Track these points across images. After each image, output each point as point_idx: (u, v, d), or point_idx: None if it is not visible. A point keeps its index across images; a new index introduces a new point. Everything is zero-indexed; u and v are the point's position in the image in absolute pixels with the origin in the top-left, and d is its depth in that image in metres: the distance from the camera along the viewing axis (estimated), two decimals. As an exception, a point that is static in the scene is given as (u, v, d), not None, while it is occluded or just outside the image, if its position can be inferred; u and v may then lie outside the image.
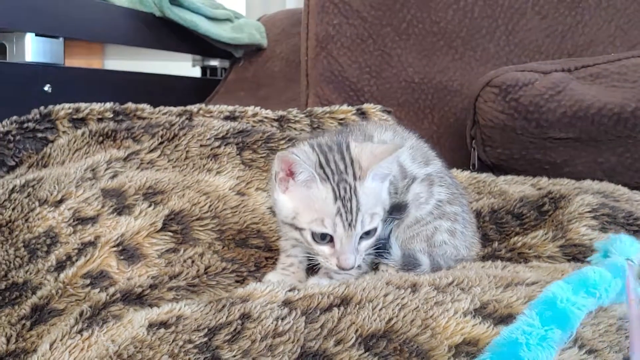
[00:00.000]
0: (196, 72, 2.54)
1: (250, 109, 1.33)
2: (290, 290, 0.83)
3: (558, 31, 1.72)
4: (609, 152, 1.33)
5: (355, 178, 0.85)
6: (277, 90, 2.15)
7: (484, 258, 1.05)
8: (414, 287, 0.81)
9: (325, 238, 0.86)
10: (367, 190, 0.85)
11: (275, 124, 1.31)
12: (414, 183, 0.98)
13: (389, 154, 0.85)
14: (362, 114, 1.39)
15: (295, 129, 1.30)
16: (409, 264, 0.95)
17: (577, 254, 1.03)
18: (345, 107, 1.38)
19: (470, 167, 1.46)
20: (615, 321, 0.76)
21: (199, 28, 1.96)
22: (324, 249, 0.86)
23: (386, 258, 0.94)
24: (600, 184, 1.24)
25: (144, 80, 1.92)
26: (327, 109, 1.37)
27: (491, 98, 1.38)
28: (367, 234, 0.86)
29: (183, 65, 2.56)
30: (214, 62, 2.51)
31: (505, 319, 0.74)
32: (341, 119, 1.34)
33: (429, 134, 1.70)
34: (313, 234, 0.86)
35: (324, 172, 0.86)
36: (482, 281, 0.83)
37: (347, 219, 0.84)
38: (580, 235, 1.04)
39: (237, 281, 0.93)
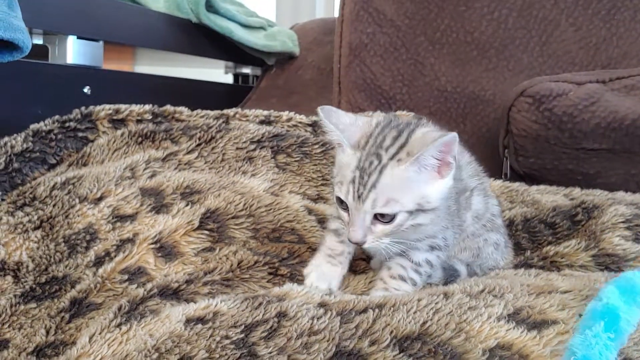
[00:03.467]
0: (228, 79, 2.57)
1: (285, 114, 1.35)
2: (327, 295, 0.84)
3: (592, 43, 1.72)
4: (643, 164, 1.33)
5: (392, 158, 0.81)
6: (308, 97, 2.16)
7: (516, 266, 1.06)
8: (446, 295, 0.81)
9: (343, 204, 0.84)
10: (398, 174, 0.80)
11: (309, 128, 1.32)
12: (472, 195, 0.97)
13: (436, 140, 0.79)
14: (395, 121, 1.40)
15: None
16: (450, 276, 0.96)
17: (610, 263, 1.02)
18: (377, 113, 1.39)
19: (503, 177, 1.46)
20: (650, 331, 0.76)
21: (233, 35, 1.99)
22: (344, 215, 0.85)
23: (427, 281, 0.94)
24: (633, 196, 1.23)
25: (178, 85, 1.94)
26: (359, 115, 1.38)
27: (525, 108, 1.39)
28: (384, 217, 0.82)
29: (214, 73, 2.59)
30: (246, 70, 2.53)
31: (539, 324, 0.75)
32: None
33: (460, 143, 1.70)
34: (336, 196, 0.85)
35: (367, 142, 0.83)
36: (514, 288, 0.84)
37: (358, 190, 0.81)
38: (614, 245, 1.04)
39: (270, 273, 0.94)
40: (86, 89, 1.45)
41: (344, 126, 0.86)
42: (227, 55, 2.18)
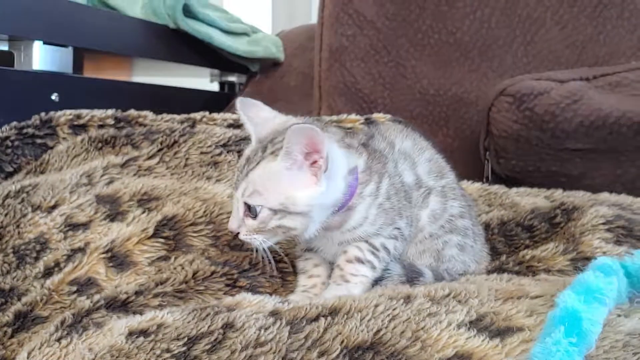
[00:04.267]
0: (214, 88, 2.53)
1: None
2: (281, 302, 0.79)
3: (578, 42, 1.67)
4: (628, 164, 1.27)
5: (272, 152, 0.80)
6: (293, 104, 2.12)
7: (491, 272, 1.00)
8: (408, 299, 0.76)
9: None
10: (270, 168, 0.79)
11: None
12: (430, 195, 0.94)
13: (290, 136, 0.77)
14: (371, 124, 1.35)
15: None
16: (412, 273, 0.91)
17: (589, 268, 0.97)
18: (353, 116, 1.35)
19: (484, 180, 1.42)
20: (623, 337, 0.70)
21: (213, 40, 1.95)
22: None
23: (385, 278, 0.90)
24: (618, 197, 1.18)
25: (157, 93, 1.91)
26: (334, 117, 1.34)
27: (505, 107, 1.34)
28: (251, 211, 0.81)
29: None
30: (232, 78, 2.50)
31: (503, 332, 0.69)
32: (349, 128, 1.30)
33: (443, 146, 1.65)
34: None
35: (266, 138, 0.83)
36: (481, 293, 0.78)
37: (238, 177, 0.82)
38: (593, 248, 0.98)
39: (227, 285, 0.89)
40: (54, 96, 1.41)
41: (260, 120, 0.86)
42: (210, 62, 2.14)
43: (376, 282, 0.89)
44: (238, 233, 0.82)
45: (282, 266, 0.96)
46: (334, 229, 0.86)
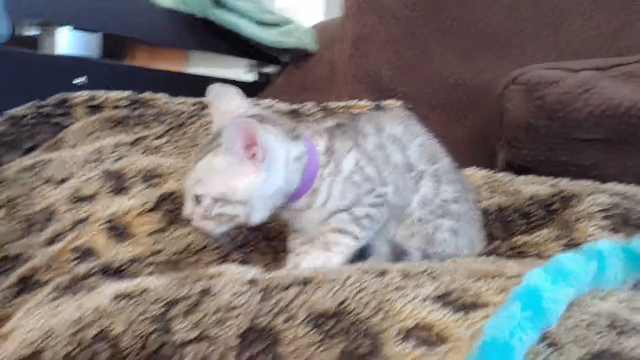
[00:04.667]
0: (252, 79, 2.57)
1: (267, 101, 1.34)
2: (261, 273, 0.82)
3: (605, 33, 1.64)
4: (639, 155, 1.25)
5: (220, 144, 0.84)
6: (320, 93, 2.14)
7: (482, 255, 1.01)
8: (382, 274, 0.78)
9: None
10: (213, 160, 0.84)
11: (288, 116, 1.30)
12: (422, 180, 0.96)
13: (230, 124, 0.82)
14: (380, 110, 1.37)
15: (308, 121, 1.29)
16: (399, 254, 0.93)
17: (581, 254, 0.97)
18: (363, 102, 1.36)
19: (496, 169, 1.41)
20: (589, 317, 0.71)
21: (241, 30, 1.99)
22: None
23: (371, 255, 0.92)
24: (624, 187, 1.16)
25: (185, 81, 1.96)
26: (342, 103, 1.35)
27: (516, 96, 1.33)
28: (197, 199, 0.85)
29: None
30: (268, 69, 2.54)
31: (468, 307, 0.71)
32: (357, 114, 1.32)
33: (462, 136, 1.66)
34: None
35: (219, 130, 0.87)
36: (457, 271, 0.80)
37: (190, 166, 0.86)
38: (587, 235, 0.98)
39: (219, 258, 0.93)
40: (81, 80, 1.47)
41: (226, 110, 0.90)
42: (241, 52, 2.18)
43: (362, 257, 0.92)
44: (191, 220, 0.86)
45: (275, 244, 1.00)
46: (305, 209, 0.89)
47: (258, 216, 0.87)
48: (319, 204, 0.89)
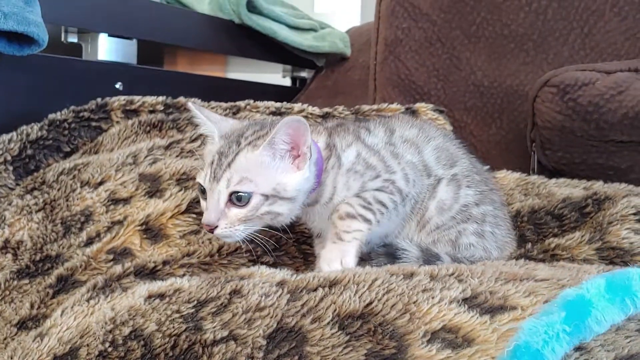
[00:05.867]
0: (287, 83, 2.59)
1: (298, 106, 1.35)
2: (290, 275, 0.84)
3: (639, 34, 1.62)
4: (676, 158, 1.23)
5: (249, 144, 0.85)
6: (354, 97, 2.15)
7: (515, 259, 1.01)
8: (410, 276, 0.79)
9: (204, 193, 0.87)
10: (253, 158, 0.84)
11: (320, 120, 1.32)
12: (440, 185, 0.96)
13: (281, 122, 0.83)
14: (413, 113, 1.37)
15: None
16: (430, 257, 0.93)
17: (615, 257, 0.96)
18: (394, 105, 1.37)
19: (530, 172, 1.40)
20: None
21: (277, 35, 2.01)
22: (203, 204, 0.87)
23: (401, 258, 0.92)
24: (660, 190, 1.15)
25: (218, 85, 1.98)
26: (374, 106, 1.36)
27: (549, 98, 1.32)
28: (239, 200, 0.84)
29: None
30: (303, 73, 2.56)
31: (495, 310, 0.71)
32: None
33: (497, 139, 1.65)
34: (198, 184, 0.88)
35: (232, 134, 0.88)
36: (485, 274, 0.80)
37: (215, 171, 0.84)
38: (620, 239, 0.97)
39: (250, 260, 0.95)
40: (118, 85, 1.50)
41: (216, 119, 0.91)
42: (277, 57, 2.20)
43: (393, 261, 0.92)
44: (214, 229, 0.85)
45: (304, 248, 1.01)
46: (314, 204, 0.91)
47: (295, 214, 0.90)
48: (327, 198, 0.91)
